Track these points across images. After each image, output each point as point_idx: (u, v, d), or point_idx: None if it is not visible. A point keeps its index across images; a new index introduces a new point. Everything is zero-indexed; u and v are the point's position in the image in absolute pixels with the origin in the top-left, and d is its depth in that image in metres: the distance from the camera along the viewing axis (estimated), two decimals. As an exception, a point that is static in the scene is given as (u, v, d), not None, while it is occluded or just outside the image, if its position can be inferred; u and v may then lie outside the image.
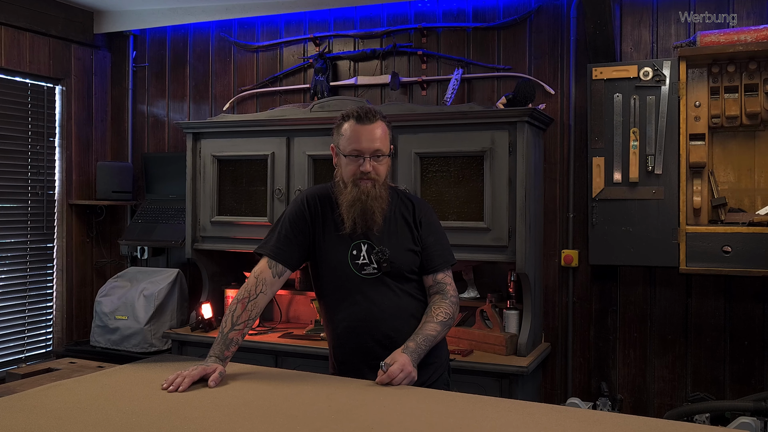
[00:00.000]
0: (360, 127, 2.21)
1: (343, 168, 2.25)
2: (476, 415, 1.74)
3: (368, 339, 2.23)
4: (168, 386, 1.95)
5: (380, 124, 2.24)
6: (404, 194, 2.41)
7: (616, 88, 3.41)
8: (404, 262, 2.27)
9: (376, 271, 2.25)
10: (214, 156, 3.96)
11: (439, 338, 2.24)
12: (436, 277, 2.32)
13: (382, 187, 2.24)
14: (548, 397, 3.74)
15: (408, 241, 2.29)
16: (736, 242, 3.15)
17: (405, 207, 2.34)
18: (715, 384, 3.47)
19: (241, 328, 2.18)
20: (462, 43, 3.98)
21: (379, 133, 2.22)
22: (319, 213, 2.30)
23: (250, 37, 4.53)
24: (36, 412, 1.74)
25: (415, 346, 2.14)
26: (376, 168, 2.22)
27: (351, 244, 2.26)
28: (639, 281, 3.60)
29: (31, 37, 4.41)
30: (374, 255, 2.23)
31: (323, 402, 1.85)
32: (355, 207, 2.21)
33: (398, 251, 2.26)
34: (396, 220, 2.31)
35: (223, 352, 2.14)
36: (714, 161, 3.37)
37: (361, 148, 2.20)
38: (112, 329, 4.20)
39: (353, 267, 2.25)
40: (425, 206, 2.40)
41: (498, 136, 3.32)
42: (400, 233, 2.29)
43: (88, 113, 4.83)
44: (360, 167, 2.20)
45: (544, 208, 3.75)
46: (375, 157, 2.22)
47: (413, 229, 2.31)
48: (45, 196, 4.60)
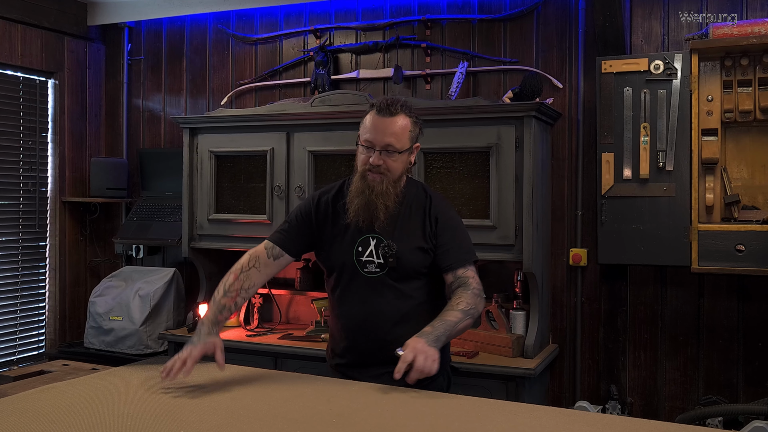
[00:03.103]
0: (378, 119, 2.23)
1: (358, 156, 2.29)
2: (482, 418, 1.74)
3: (364, 340, 2.26)
4: (167, 374, 1.98)
5: (402, 118, 2.24)
6: (424, 189, 2.39)
7: (626, 82, 3.40)
8: (411, 261, 2.26)
9: (378, 270, 2.25)
10: (211, 152, 3.96)
11: (461, 327, 2.15)
12: (456, 272, 2.26)
13: (390, 184, 2.24)
14: (556, 401, 3.74)
15: (418, 238, 2.28)
16: (750, 241, 3.14)
17: (421, 202, 2.33)
18: (728, 387, 3.46)
19: (233, 296, 2.22)
20: (467, 35, 3.97)
21: (395, 128, 2.22)
22: (330, 209, 2.34)
23: (248, 29, 4.52)
24: (28, 415, 1.74)
25: (431, 330, 2.07)
26: (387, 163, 2.22)
27: (359, 239, 2.27)
28: (649, 281, 3.60)
29: (23, 30, 4.41)
30: (381, 249, 2.24)
31: (324, 405, 1.85)
32: (360, 198, 2.23)
33: (406, 248, 2.26)
34: (410, 216, 2.30)
35: (216, 317, 2.18)
36: (727, 157, 3.36)
37: (372, 140, 2.22)
38: (107, 330, 4.20)
39: (357, 264, 2.26)
40: (442, 202, 2.38)
41: (504, 131, 3.32)
42: (411, 230, 2.29)
43: (82, 108, 4.83)
44: (369, 159, 2.22)
45: (552, 206, 3.75)
46: (386, 152, 2.22)
47: (426, 226, 2.29)
48: (37, 193, 4.61)
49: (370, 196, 2.22)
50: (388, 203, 2.24)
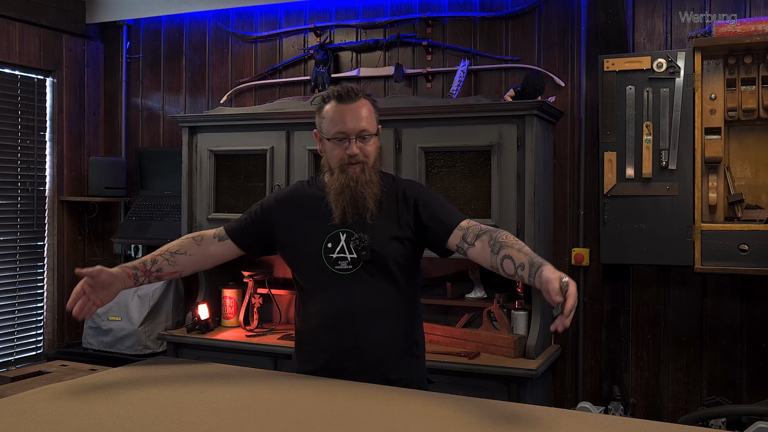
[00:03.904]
0: (343, 107, 2.13)
1: (329, 153, 2.17)
2: (483, 419, 1.74)
3: (334, 341, 2.15)
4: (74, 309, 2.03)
5: (364, 102, 2.16)
6: (395, 178, 2.30)
7: (629, 80, 3.40)
8: (388, 252, 2.15)
9: (351, 266, 2.14)
10: (211, 151, 3.96)
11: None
12: (461, 225, 2.11)
13: (371, 171, 2.15)
14: (558, 402, 3.74)
15: (395, 228, 2.17)
16: (754, 240, 3.14)
17: (393, 191, 2.22)
18: (731, 387, 3.46)
19: (161, 253, 2.20)
20: (468, 33, 3.97)
21: (364, 112, 2.13)
22: (296, 206, 2.24)
23: (248, 27, 4.52)
24: (26, 416, 1.74)
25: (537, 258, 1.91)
26: (364, 149, 2.13)
27: (328, 235, 2.16)
28: (652, 281, 3.59)
29: (21, 27, 4.41)
30: (352, 243, 2.13)
31: (324, 405, 1.85)
32: (344, 195, 2.12)
33: (381, 239, 2.14)
34: (383, 206, 2.19)
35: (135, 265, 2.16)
36: (730, 156, 3.36)
37: (345, 130, 2.11)
38: (105, 330, 4.20)
39: (326, 261, 2.15)
40: (416, 185, 2.28)
41: (506, 130, 3.32)
42: (387, 220, 2.18)
43: (80, 106, 4.83)
44: (346, 150, 2.12)
45: (554, 205, 3.75)
46: (361, 138, 2.12)
47: (402, 213, 2.19)
48: (35, 193, 4.61)
49: (357, 189, 2.11)
50: (375, 191, 2.14)
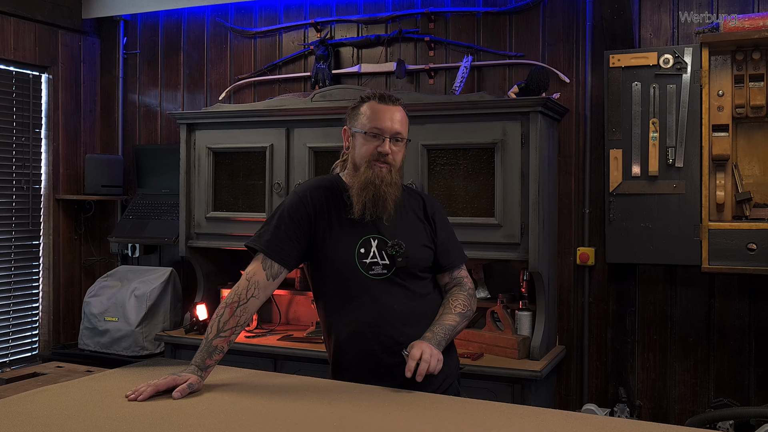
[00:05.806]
0: (383, 107, 2.23)
1: (358, 149, 2.24)
2: (486, 422, 1.74)
3: (375, 345, 2.17)
4: (131, 394, 1.92)
5: (401, 109, 2.28)
6: (411, 189, 2.43)
7: (635, 77, 3.40)
8: (419, 258, 2.26)
9: (385, 271, 2.20)
10: (209, 148, 3.95)
11: (458, 330, 2.25)
12: (453, 273, 2.35)
13: (397, 175, 2.24)
14: (563, 404, 3.74)
15: (422, 236, 2.30)
16: (762, 239, 3.13)
17: (414, 202, 2.35)
18: (739, 389, 3.45)
19: (228, 335, 2.09)
20: (472, 28, 3.97)
21: (399, 117, 2.25)
22: (324, 207, 2.23)
23: (247, 23, 4.52)
24: (21, 419, 1.74)
25: (432, 335, 2.14)
26: (394, 152, 2.23)
27: (359, 240, 2.21)
28: (659, 281, 3.59)
29: (16, 23, 4.40)
30: (388, 249, 2.20)
31: (324, 408, 1.85)
32: (367, 191, 2.18)
33: (413, 246, 2.25)
34: (407, 214, 2.31)
35: (205, 361, 2.05)
36: (738, 153, 3.35)
37: (382, 127, 2.20)
38: (102, 331, 4.20)
39: (360, 267, 2.19)
40: (435, 202, 2.43)
41: (510, 127, 3.31)
42: (413, 228, 2.29)
43: (77, 103, 4.82)
44: (378, 147, 2.19)
45: (559, 204, 3.74)
46: (394, 140, 2.22)
47: (426, 225, 2.32)
48: (30, 191, 4.61)
49: (381, 187, 2.18)
50: (396, 194, 2.23)
